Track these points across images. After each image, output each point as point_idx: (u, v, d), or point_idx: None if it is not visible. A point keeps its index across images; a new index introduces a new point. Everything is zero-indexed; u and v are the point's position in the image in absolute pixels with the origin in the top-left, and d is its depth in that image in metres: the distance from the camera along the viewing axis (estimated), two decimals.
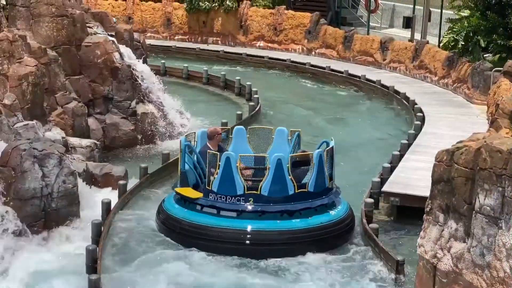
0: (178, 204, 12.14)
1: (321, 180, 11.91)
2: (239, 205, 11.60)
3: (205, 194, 11.80)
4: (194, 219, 11.75)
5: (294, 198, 11.64)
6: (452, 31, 22.80)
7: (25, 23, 16.63)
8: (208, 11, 31.95)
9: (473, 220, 8.86)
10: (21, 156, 12.01)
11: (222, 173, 11.55)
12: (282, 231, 11.53)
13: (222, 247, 11.47)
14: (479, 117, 19.34)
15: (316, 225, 11.69)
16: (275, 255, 11.39)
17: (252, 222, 11.54)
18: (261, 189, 11.57)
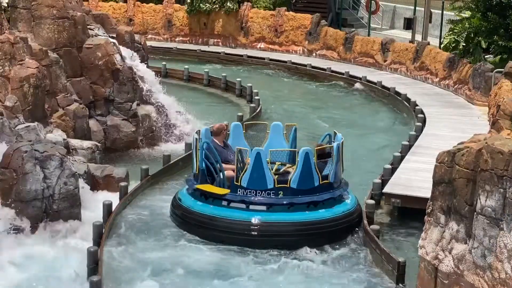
0: (199, 200, 12.39)
1: (339, 171, 12.55)
2: (269, 199, 11.95)
3: (233, 189, 12.04)
4: (222, 214, 12.03)
5: (318, 190, 12.14)
6: (453, 32, 22.81)
7: (26, 25, 16.65)
8: (209, 13, 31.99)
9: (474, 222, 8.87)
10: (23, 158, 12.02)
11: (253, 168, 11.88)
12: (311, 221, 12.00)
13: (250, 240, 11.84)
14: (480, 118, 19.34)
15: (339, 214, 12.28)
16: (305, 245, 11.81)
17: (282, 214, 11.94)
18: (291, 182, 11.99)
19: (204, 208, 12.23)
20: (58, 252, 11.83)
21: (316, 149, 12.31)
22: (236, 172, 12.11)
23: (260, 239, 11.84)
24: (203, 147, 12.37)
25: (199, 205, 12.31)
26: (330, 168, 12.36)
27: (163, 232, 12.49)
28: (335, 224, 12.13)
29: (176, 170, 15.56)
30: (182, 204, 12.58)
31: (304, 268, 11.29)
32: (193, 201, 12.45)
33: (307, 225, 11.98)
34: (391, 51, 26.49)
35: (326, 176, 12.26)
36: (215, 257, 11.61)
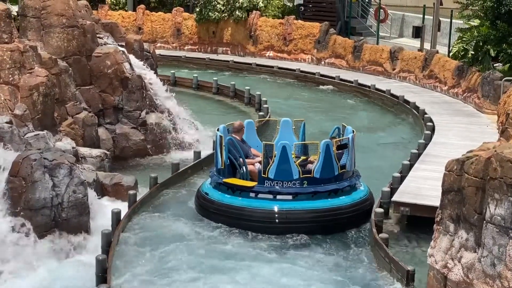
0: (227, 194, 13.15)
1: (353, 161, 13.50)
2: (295, 189, 12.85)
3: (260, 181, 12.89)
4: (252, 204, 12.86)
5: (338, 178, 13.12)
6: (462, 40, 22.77)
7: (36, 34, 16.74)
8: (218, 21, 32.08)
9: (484, 230, 8.83)
10: (32, 166, 12.06)
11: (279, 161, 12.74)
12: (333, 207, 12.93)
13: (278, 228, 12.67)
14: (489, 126, 19.28)
15: (357, 199, 13.26)
16: (328, 231, 12.72)
17: (306, 202, 12.85)
18: (314, 172, 12.90)
19: (233, 200, 13.01)
20: (66, 261, 11.85)
21: (335, 141, 13.25)
22: (262, 165, 12.96)
23: (287, 226, 12.67)
24: (228, 142, 13.15)
25: (228, 198, 13.09)
26: (346, 158, 13.27)
27: (172, 239, 12.50)
28: (354, 209, 13.08)
29: (185, 178, 15.56)
30: (210, 197, 13.32)
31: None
32: (221, 194, 13.21)
33: (330, 211, 12.87)
34: (400, 59, 26.47)
35: (344, 166, 13.22)
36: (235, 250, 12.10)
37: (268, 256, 12.00)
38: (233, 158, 13.23)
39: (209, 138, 18.46)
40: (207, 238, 12.65)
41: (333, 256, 12.03)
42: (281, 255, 12.06)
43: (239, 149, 13.23)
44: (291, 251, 12.22)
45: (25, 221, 11.95)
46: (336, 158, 13.05)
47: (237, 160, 13.20)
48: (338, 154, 13.19)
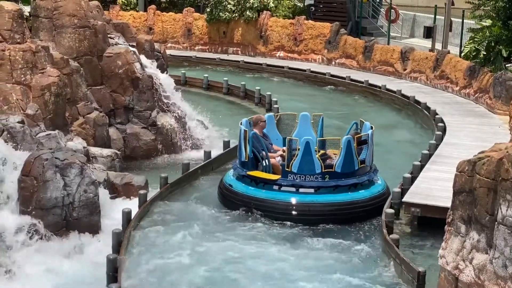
0: (251, 186, 13.70)
1: (371, 156, 14.02)
2: (317, 182, 13.38)
3: (284, 175, 13.43)
4: (275, 197, 13.40)
5: (358, 173, 13.67)
6: (474, 41, 22.67)
7: (48, 34, 16.80)
8: (228, 22, 32.10)
9: (496, 231, 8.79)
10: (43, 166, 12.12)
11: (302, 156, 13.27)
12: (353, 201, 13.46)
13: (299, 220, 13.19)
14: (501, 127, 19.20)
15: (376, 193, 13.80)
16: (348, 221, 13.25)
17: (328, 196, 13.39)
18: (335, 167, 13.43)
19: (257, 192, 13.56)
20: (77, 260, 11.89)
21: (356, 137, 13.71)
22: (286, 159, 13.45)
23: (309, 218, 13.22)
24: (252, 136, 13.67)
25: (251, 190, 13.64)
26: (366, 153, 13.79)
27: (183, 239, 12.52)
28: (373, 203, 13.59)
29: (195, 178, 15.58)
30: (234, 189, 13.87)
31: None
32: (245, 186, 13.76)
33: (350, 205, 13.40)
34: (411, 59, 26.40)
35: (363, 161, 13.76)
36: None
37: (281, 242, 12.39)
38: (256, 152, 13.74)
39: (219, 138, 18.48)
40: (219, 237, 12.68)
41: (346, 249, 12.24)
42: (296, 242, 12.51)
43: (262, 143, 13.80)
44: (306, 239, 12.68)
45: (36, 220, 12.00)
46: (357, 153, 13.55)
47: (260, 153, 13.72)
48: (358, 150, 13.68)
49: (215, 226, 13.20)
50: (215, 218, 13.59)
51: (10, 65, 14.36)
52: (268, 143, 14.24)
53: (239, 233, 12.84)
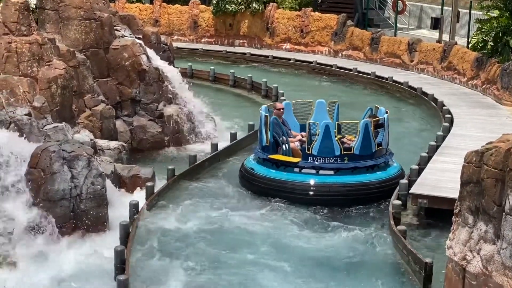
0: (272, 169, 14.26)
1: (387, 139, 14.58)
2: (337, 164, 13.98)
3: (304, 157, 14.00)
4: (296, 179, 13.98)
5: (375, 155, 14.26)
6: (481, 31, 22.57)
7: (54, 26, 16.81)
8: (235, 14, 32.04)
9: (503, 222, 8.76)
10: (51, 158, 12.14)
11: (322, 138, 13.85)
12: (371, 181, 14.09)
13: (320, 200, 13.77)
14: (508, 118, 19.14)
15: (392, 174, 14.42)
16: (366, 201, 13.85)
17: (347, 177, 13.99)
18: (354, 149, 14.04)
19: (278, 175, 14.13)
20: (85, 252, 11.92)
21: (373, 121, 14.27)
22: (307, 142, 14.04)
23: (329, 198, 13.79)
24: (273, 122, 14.24)
25: (273, 173, 14.20)
26: (382, 136, 14.39)
27: (190, 230, 12.54)
28: (389, 183, 14.16)
29: (202, 170, 15.59)
30: (256, 172, 14.41)
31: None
32: (266, 169, 14.31)
33: (369, 185, 14.05)
34: (418, 51, 26.31)
35: (380, 144, 14.35)
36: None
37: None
38: (276, 136, 14.30)
39: (226, 130, 18.48)
40: (230, 226, 12.71)
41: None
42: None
43: (282, 128, 14.38)
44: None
45: (44, 212, 12.03)
46: (374, 137, 14.14)
47: (280, 138, 14.28)
48: (375, 133, 14.29)
49: (225, 218, 13.24)
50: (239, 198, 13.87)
51: (17, 57, 14.37)
52: (287, 129, 14.78)
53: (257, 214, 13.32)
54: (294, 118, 15.61)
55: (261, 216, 13.34)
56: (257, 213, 13.45)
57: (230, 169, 15.95)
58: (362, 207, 13.77)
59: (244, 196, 14.28)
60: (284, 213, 13.51)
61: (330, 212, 13.58)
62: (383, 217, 13.34)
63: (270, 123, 14.35)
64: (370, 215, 13.61)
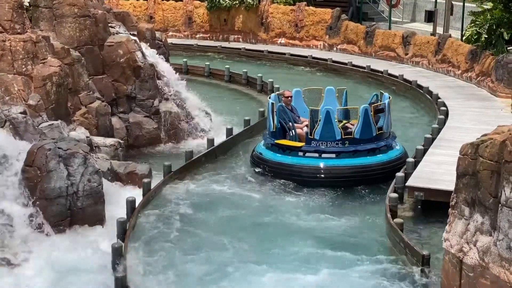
0: (278, 153, 15.01)
1: (389, 123, 15.22)
2: (338, 148, 14.65)
3: (307, 142, 14.70)
4: (300, 162, 14.70)
5: (376, 139, 14.86)
6: (475, 24, 22.59)
7: (48, 24, 16.76)
8: (229, 9, 32.02)
9: (499, 213, 8.79)
10: (47, 156, 12.12)
11: (324, 124, 14.49)
12: (371, 164, 14.71)
13: (323, 181, 14.49)
14: (503, 110, 19.17)
15: (393, 157, 15.01)
16: (367, 183, 14.52)
17: (348, 160, 14.63)
18: (354, 133, 14.68)
19: (284, 158, 14.85)
20: (82, 249, 11.92)
21: (373, 106, 14.90)
22: (309, 128, 14.70)
23: (331, 180, 14.47)
24: (279, 109, 14.95)
25: (279, 157, 14.94)
26: (383, 121, 15.00)
27: (187, 225, 12.55)
28: (390, 166, 14.75)
29: (199, 166, 15.60)
30: (264, 157, 15.20)
31: None
32: (273, 154, 15.06)
33: (369, 167, 14.64)
34: (413, 44, 26.32)
35: (381, 128, 14.95)
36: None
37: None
38: (283, 123, 15.01)
39: (222, 126, 18.48)
40: (226, 221, 12.75)
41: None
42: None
43: (288, 115, 15.09)
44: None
45: (40, 210, 12.02)
46: (374, 121, 14.75)
47: (287, 124, 14.99)
48: (376, 118, 14.90)
49: (219, 214, 13.26)
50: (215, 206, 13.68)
51: (11, 55, 14.34)
52: (295, 116, 15.47)
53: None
54: (304, 104, 16.23)
55: (264, 197, 14.03)
56: (260, 197, 14.05)
57: (227, 164, 16.01)
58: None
59: (241, 195, 14.26)
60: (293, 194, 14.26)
61: (337, 193, 14.27)
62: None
63: (276, 110, 14.98)
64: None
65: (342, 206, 13.73)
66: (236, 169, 15.79)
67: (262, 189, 14.51)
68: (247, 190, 14.48)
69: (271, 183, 14.76)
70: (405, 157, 15.05)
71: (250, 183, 14.88)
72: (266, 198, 14.05)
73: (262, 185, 14.72)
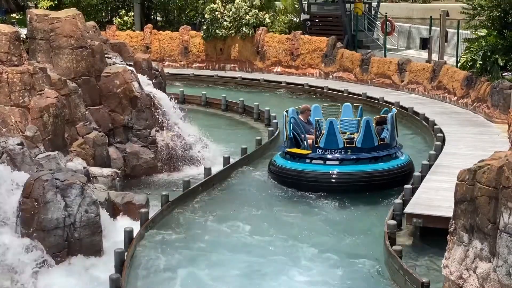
0: (289, 160, 16.34)
1: (393, 135, 16.34)
2: (341, 155, 15.87)
3: (313, 150, 16.01)
4: (307, 168, 15.96)
5: (377, 148, 15.99)
6: (470, 50, 22.74)
7: (45, 56, 16.85)
8: (225, 38, 32.23)
9: (498, 240, 8.76)
10: (44, 187, 12.10)
11: (327, 133, 15.77)
12: (372, 171, 15.79)
13: (328, 186, 15.60)
14: (500, 136, 19.20)
15: (394, 166, 16.05)
16: (369, 190, 15.52)
17: (350, 167, 15.79)
18: (356, 143, 15.86)
19: (293, 165, 16.18)
20: (80, 280, 11.84)
21: (375, 118, 16.23)
22: (315, 137, 15.98)
23: (335, 185, 15.60)
24: (290, 121, 16.38)
25: (289, 163, 16.29)
26: (386, 132, 16.18)
27: (186, 256, 12.49)
28: (390, 173, 15.83)
29: (196, 195, 15.57)
30: (277, 164, 16.57)
31: None
32: (285, 161, 16.44)
33: (370, 174, 15.72)
34: (408, 71, 26.46)
35: (383, 139, 16.14)
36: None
37: None
38: (296, 134, 16.36)
39: (219, 154, 18.48)
40: (225, 252, 12.67)
41: None
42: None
43: (300, 127, 16.39)
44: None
45: (38, 242, 11.96)
46: (376, 132, 15.89)
47: (300, 135, 16.28)
48: (379, 129, 16.09)
49: (215, 241, 13.21)
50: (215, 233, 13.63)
51: (8, 87, 14.39)
52: (309, 128, 16.65)
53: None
54: (323, 119, 17.20)
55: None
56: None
57: (224, 195, 15.98)
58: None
59: (239, 226, 14.23)
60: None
61: (338, 211, 14.80)
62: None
63: (288, 122, 16.42)
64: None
65: (342, 226, 13.75)
66: (234, 199, 15.75)
67: (260, 219, 14.43)
68: (244, 220, 14.40)
69: (268, 210, 14.72)
70: (408, 166, 16.20)
71: (248, 212, 14.81)
72: (263, 228, 13.95)
73: (260, 215, 14.65)
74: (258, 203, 15.31)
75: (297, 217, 14.50)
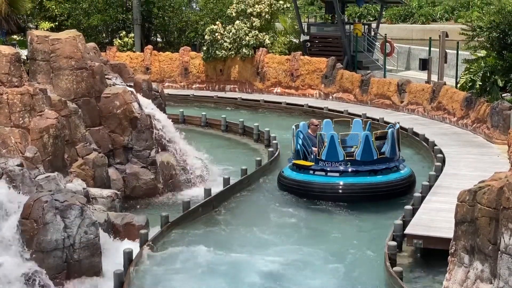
0: (294, 171, 17.29)
1: (393, 149, 16.98)
2: (341, 168, 16.68)
3: (316, 162, 16.92)
4: (308, 179, 16.89)
5: (377, 162, 16.70)
6: (469, 71, 22.80)
7: (45, 77, 16.89)
8: (225, 59, 32.34)
9: (499, 261, 8.73)
10: (43, 208, 12.07)
11: (329, 146, 16.62)
12: (371, 183, 16.52)
13: (328, 196, 16.51)
14: (500, 156, 19.19)
15: (392, 179, 16.71)
16: (368, 201, 16.26)
17: (349, 179, 16.59)
18: (356, 156, 16.64)
19: (297, 176, 17.13)
20: None
21: (375, 133, 17.11)
22: (317, 149, 16.88)
23: (335, 195, 16.48)
24: (298, 135, 17.32)
25: (294, 174, 17.27)
26: (386, 147, 16.84)
27: (185, 276, 12.43)
28: (389, 186, 16.53)
29: (196, 216, 15.53)
30: (284, 174, 17.56)
31: None
32: (291, 172, 17.41)
33: (368, 186, 16.49)
34: (408, 92, 26.52)
35: (383, 152, 16.81)
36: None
37: None
38: (305, 148, 17.20)
39: (219, 175, 18.47)
40: (225, 273, 12.60)
41: None
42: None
43: (308, 141, 17.25)
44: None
45: (37, 263, 11.91)
46: (375, 146, 16.61)
47: (307, 148, 17.15)
48: (379, 144, 16.85)
49: (217, 263, 13.15)
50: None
51: (8, 108, 14.40)
52: (316, 141, 17.29)
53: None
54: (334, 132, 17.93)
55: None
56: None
57: (224, 215, 15.93)
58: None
59: (244, 239, 14.20)
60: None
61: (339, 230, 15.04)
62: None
63: (296, 135, 17.33)
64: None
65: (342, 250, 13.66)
66: (234, 219, 15.71)
67: (259, 241, 14.38)
68: (245, 241, 14.36)
69: (268, 230, 14.68)
70: (409, 179, 16.96)
71: (249, 232, 14.76)
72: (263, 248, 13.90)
73: (259, 237, 14.59)
74: (258, 223, 15.25)
75: (297, 241, 14.42)
